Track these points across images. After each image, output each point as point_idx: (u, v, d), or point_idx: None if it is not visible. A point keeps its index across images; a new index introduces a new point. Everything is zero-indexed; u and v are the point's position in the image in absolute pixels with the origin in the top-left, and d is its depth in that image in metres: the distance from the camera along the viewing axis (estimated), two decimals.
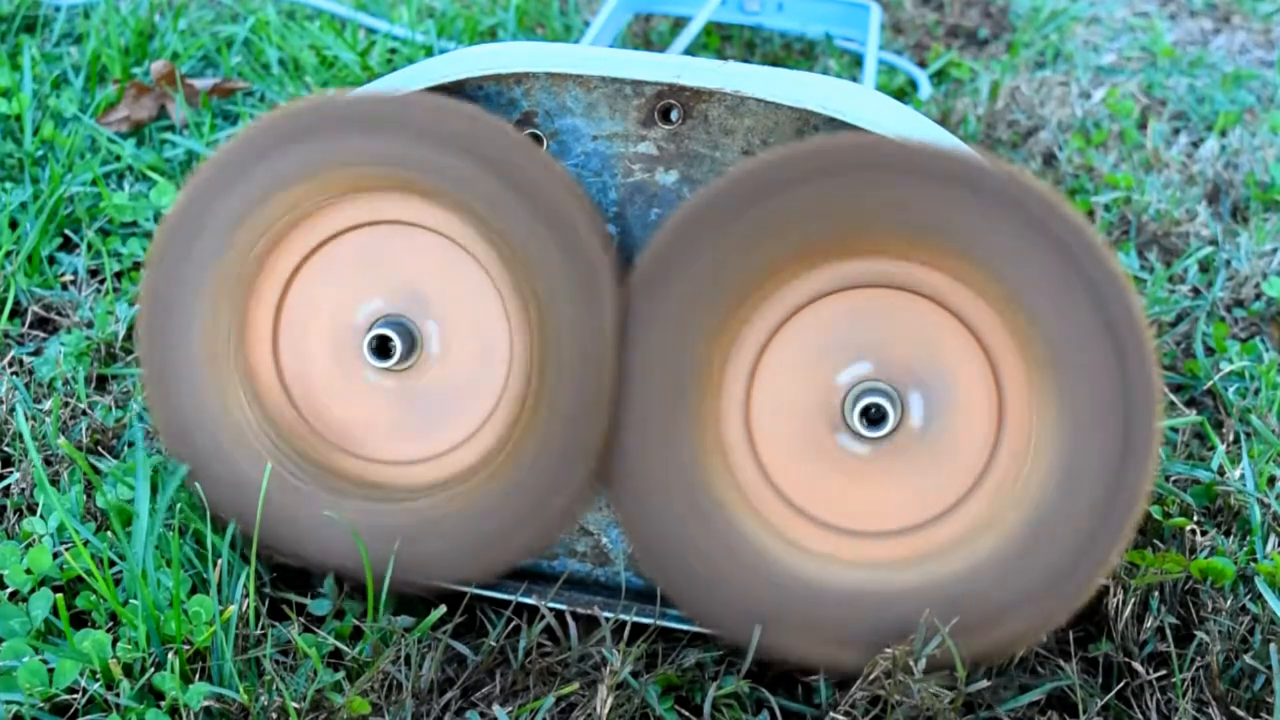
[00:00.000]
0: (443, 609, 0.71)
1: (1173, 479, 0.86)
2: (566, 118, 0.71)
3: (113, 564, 0.74)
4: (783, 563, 0.69)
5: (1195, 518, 0.83)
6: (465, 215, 0.70)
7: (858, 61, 1.61)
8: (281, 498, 0.73)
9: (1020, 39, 1.71)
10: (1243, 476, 0.84)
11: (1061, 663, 0.73)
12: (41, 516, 0.77)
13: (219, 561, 0.72)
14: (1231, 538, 0.80)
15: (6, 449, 0.85)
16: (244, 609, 0.70)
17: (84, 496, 0.78)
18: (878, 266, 0.67)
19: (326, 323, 0.74)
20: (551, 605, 0.74)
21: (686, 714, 0.71)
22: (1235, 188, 1.30)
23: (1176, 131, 1.47)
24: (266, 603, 0.75)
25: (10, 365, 0.93)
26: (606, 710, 0.67)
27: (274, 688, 0.67)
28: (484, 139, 0.68)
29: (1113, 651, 0.74)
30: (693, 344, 0.68)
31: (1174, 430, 0.92)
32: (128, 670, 0.67)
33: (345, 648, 0.70)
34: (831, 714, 0.68)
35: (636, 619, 0.73)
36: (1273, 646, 0.70)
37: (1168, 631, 0.74)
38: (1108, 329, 0.64)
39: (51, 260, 1.07)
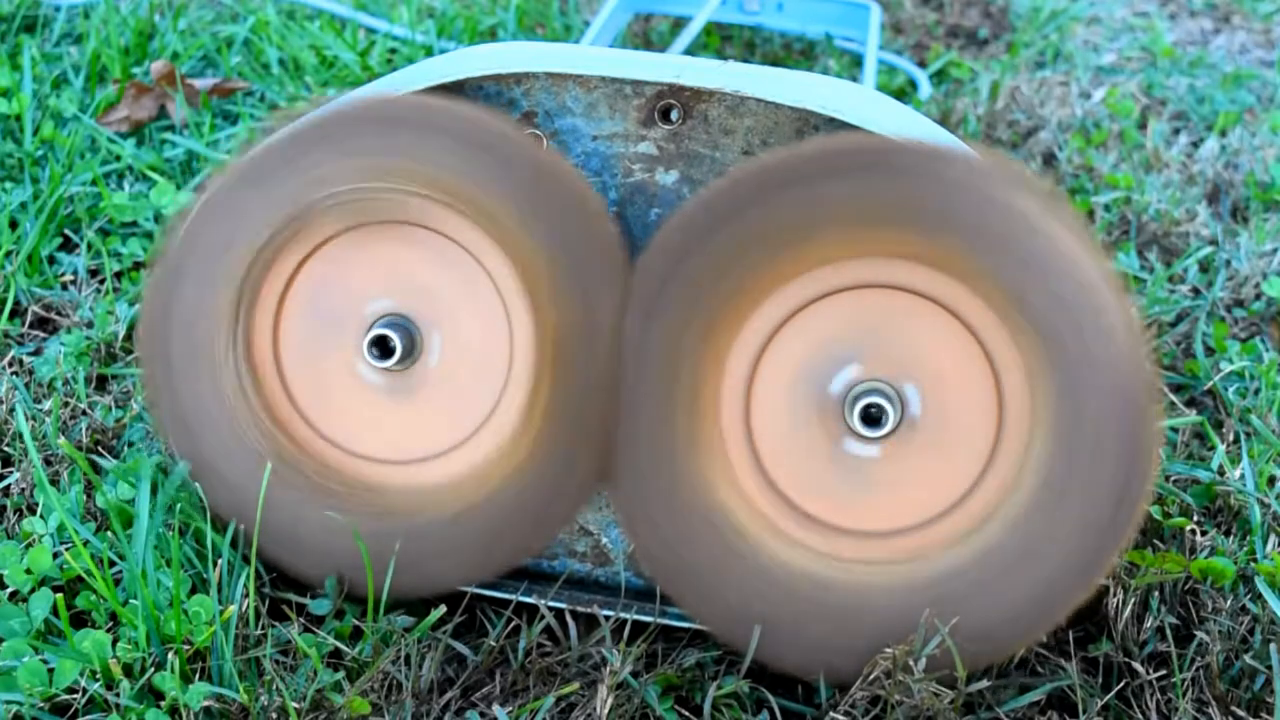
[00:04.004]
0: (443, 609, 0.72)
1: (1173, 479, 0.86)
2: (566, 118, 0.71)
3: (113, 564, 0.74)
4: (783, 562, 0.69)
5: (1195, 518, 0.83)
6: (466, 215, 0.70)
7: (858, 61, 1.61)
8: (282, 497, 0.73)
9: (1020, 39, 1.71)
10: (1243, 476, 0.84)
11: (1061, 663, 0.73)
12: (41, 516, 0.77)
13: (219, 561, 0.72)
14: (1231, 538, 0.80)
15: (6, 449, 0.85)
16: (244, 609, 0.70)
17: (84, 496, 0.78)
18: (878, 267, 0.67)
19: (327, 322, 0.74)
20: (551, 605, 0.74)
21: (686, 714, 0.71)
22: (1235, 188, 1.30)
23: (1176, 131, 1.46)
24: (266, 603, 0.75)
25: (10, 365, 0.93)
26: (606, 710, 0.67)
27: (274, 688, 0.66)
28: (486, 139, 0.68)
29: (1113, 651, 0.74)
30: (692, 344, 0.68)
31: (1174, 430, 0.92)
32: (128, 670, 0.67)
33: (345, 648, 0.70)
34: (831, 714, 0.68)
35: (636, 618, 0.73)
36: (1273, 646, 0.70)
37: (1168, 631, 0.74)
38: (1106, 329, 0.64)
39: (51, 260, 1.07)
